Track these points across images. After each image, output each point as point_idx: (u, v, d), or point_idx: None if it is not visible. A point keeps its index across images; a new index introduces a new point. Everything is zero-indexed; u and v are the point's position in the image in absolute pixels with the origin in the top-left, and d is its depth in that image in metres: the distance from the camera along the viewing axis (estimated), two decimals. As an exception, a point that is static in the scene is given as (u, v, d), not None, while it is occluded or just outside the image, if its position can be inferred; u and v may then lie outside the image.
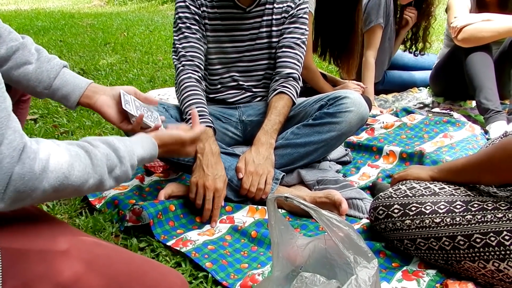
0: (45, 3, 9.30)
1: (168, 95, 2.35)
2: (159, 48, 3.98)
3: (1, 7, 8.34)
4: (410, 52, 2.51)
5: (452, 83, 2.24)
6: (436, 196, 1.01)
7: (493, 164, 0.95)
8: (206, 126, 1.32)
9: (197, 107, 1.35)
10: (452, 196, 1.00)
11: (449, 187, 1.03)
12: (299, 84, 1.49)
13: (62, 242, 0.60)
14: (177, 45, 1.43)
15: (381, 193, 1.11)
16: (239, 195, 1.33)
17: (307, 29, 1.52)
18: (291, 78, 1.46)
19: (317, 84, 2.01)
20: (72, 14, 6.74)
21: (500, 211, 0.92)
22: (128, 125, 1.02)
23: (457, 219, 0.95)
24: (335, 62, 2.21)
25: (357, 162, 1.67)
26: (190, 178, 1.27)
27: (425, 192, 1.03)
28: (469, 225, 0.93)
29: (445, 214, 0.96)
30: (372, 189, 1.43)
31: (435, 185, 1.05)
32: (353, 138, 1.83)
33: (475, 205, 0.95)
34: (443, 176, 1.07)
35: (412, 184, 1.08)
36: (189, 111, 1.35)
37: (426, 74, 2.53)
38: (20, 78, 0.94)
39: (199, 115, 1.33)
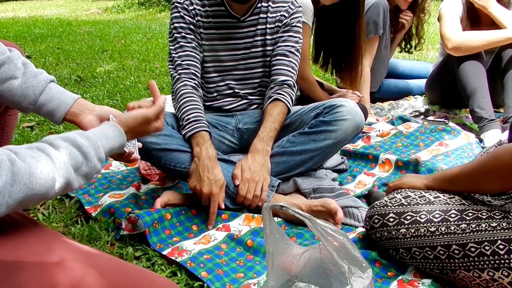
0: (42, 10, 9.33)
1: (165, 103, 2.36)
2: (157, 56, 3.99)
3: (-1, 14, 8.36)
4: (406, 51, 2.52)
5: (447, 92, 2.26)
6: (431, 205, 1.01)
7: (486, 173, 0.95)
8: (202, 130, 1.33)
9: (194, 112, 1.36)
10: (447, 205, 1.00)
11: (443, 195, 1.04)
12: (294, 91, 1.49)
13: (56, 253, 0.60)
14: (173, 55, 1.45)
15: (376, 202, 1.11)
16: (236, 202, 1.33)
17: (301, 37, 1.54)
18: (286, 85, 1.47)
19: (314, 93, 2.02)
20: (70, 22, 6.76)
21: (494, 220, 0.93)
22: None
23: (452, 228, 0.95)
24: (337, 75, 2.23)
25: (353, 170, 1.67)
26: (188, 182, 1.30)
27: (420, 201, 1.04)
28: (463, 234, 0.94)
29: (440, 223, 0.97)
30: (368, 197, 1.43)
31: (430, 194, 1.05)
32: (349, 146, 1.84)
33: (470, 214, 0.96)
34: (438, 184, 1.08)
35: (407, 193, 1.08)
36: (184, 117, 1.36)
37: (421, 82, 2.55)
38: (4, 93, 0.93)
39: (196, 120, 1.35)
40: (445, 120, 2.13)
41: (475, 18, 2.10)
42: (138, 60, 3.80)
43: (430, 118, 2.21)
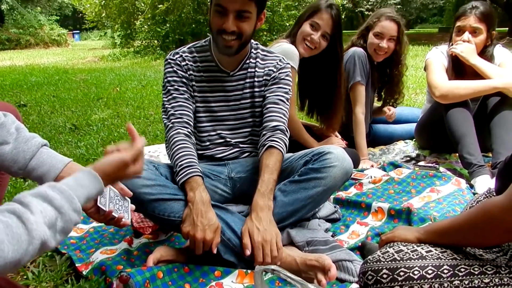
0: (40, 59, 9.53)
1: (159, 152, 2.38)
2: (151, 103, 4.06)
3: (-4, 63, 8.51)
4: (391, 104, 2.55)
5: (436, 137, 2.31)
6: (424, 260, 1.01)
7: (476, 227, 0.96)
8: (196, 175, 1.34)
9: (187, 158, 1.38)
10: (439, 260, 1.00)
11: (435, 250, 1.04)
12: (286, 136, 1.50)
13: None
14: (166, 105, 1.49)
15: (369, 257, 1.10)
16: (230, 250, 1.30)
17: (291, 90, 1.59)
18: (279, 131, 1.49)
19: (299, 134, 2.09)
20: (66, 70, 6.90)
21: (486, 275, 0.93)
22: (95, 213, 0.98)
23: (445, 284, 0.95)
24: (322, 122, 2.29)
25: (346, 219, 1.67)
26: (181, 227, 1.29)
27: (413, 255, 1.03)
28: (457, 291, 0.93)
29: (433, 280, 0.96)
30: (362, 249, 1.42)
31: (422, 248, 1.05)
32: (342, 194, 1.84)
33: (462, 270, 0.96)
34: (429, 238, 1.08)
35: (399, 247, 1.08)
36: (177, 163, 1.37)
37: (411, 127, 2.60)
38: None
39: (189, 166, 1.36)
40: (435, 166, 2.16)
41: (460, 69, 2.19)
42: (132, 107, 3.86)
43: (421, 163, 2.24)
